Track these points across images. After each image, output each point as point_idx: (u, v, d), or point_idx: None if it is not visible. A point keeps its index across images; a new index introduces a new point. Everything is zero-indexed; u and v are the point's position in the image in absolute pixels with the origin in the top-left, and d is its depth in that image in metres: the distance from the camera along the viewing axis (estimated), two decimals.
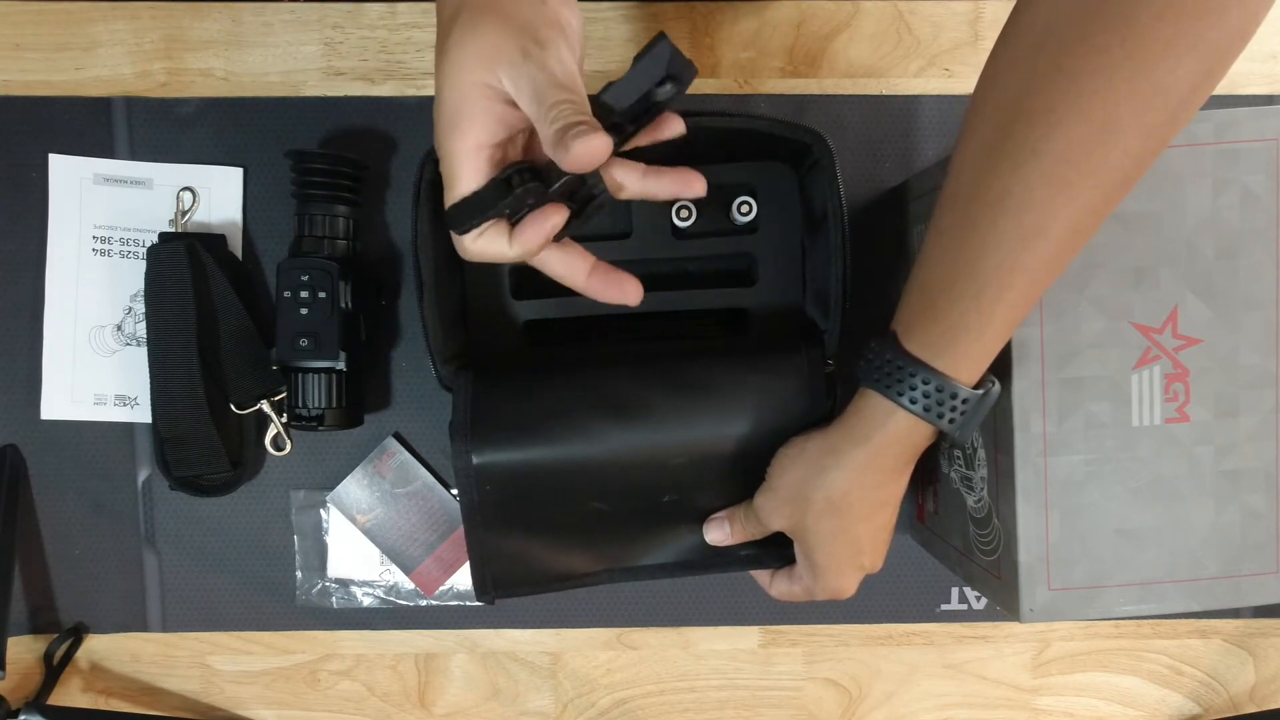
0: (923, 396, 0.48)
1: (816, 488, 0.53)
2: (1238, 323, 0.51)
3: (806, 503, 0.53)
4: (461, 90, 0.44)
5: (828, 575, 0.55)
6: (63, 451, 0.68)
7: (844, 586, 0.56)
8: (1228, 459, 0.52)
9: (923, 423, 0.49)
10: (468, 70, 0.44)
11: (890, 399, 0.49)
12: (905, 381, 0.49)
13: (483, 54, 0.43)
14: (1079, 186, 0.42)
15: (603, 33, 0.68)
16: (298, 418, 0.64)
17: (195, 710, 0.70)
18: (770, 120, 0.58)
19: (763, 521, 0.56)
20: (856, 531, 0.53)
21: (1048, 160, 0.42)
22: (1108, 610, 0.52)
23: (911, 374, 0.48)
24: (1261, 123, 0.51)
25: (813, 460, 0.53)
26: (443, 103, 0.44)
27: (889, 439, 0.51)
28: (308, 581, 0.69)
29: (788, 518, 0.55)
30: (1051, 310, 0.51)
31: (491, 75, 0.43)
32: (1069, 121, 0.41)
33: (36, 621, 0.69)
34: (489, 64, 0.43)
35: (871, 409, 0.51)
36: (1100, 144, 0.41)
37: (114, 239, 0.67)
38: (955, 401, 0.48)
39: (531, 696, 0.71)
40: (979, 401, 0.49)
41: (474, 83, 0.43)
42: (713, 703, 0.71)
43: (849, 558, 0.55)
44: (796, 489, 0.54)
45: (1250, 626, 0.71)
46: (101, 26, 0.67)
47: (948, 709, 0.71)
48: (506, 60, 0.43)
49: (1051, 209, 0.43)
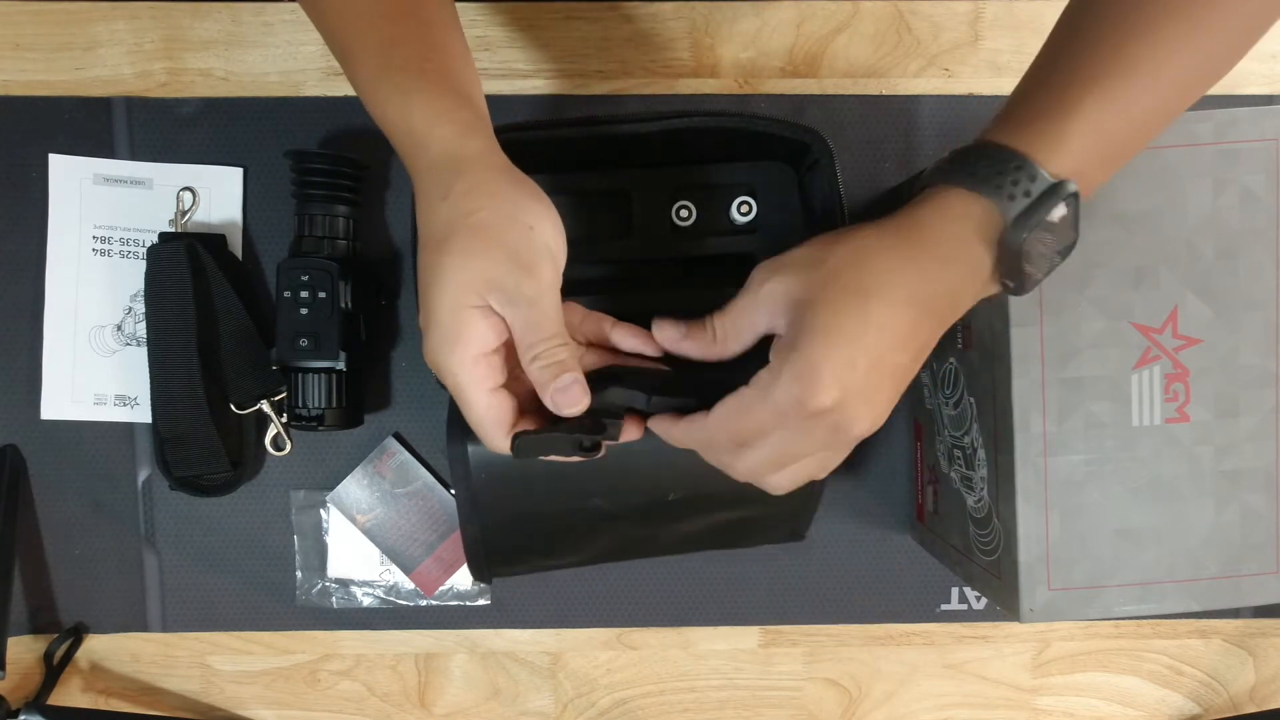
0: (984, 168, 0.41)
1: (841, 244, 0.43)
2: (1238, 323, 0.51)
3: (821, 263, 0.42)
4: (456, 312, 0.44)
5: (824, 355, 0.40)
6: (63, 451, 0.68)
7: (842, 382, 0.40)
8: (1228, 459, 0.52)
9: (978, 204, 0.42)
10: (463, 294, 0.44)
11: (944, 180, 0.43)
12: (966, 160, 0.42)
13: (475, 281, 0.44)
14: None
15: (602, 33, 0.68)
16: (298, 418, 0.64)
17: (195, 710, 0.70)
18: (770, 120, 0.58)
19: (746, 308, 0.45)
20: (875, 308, 0.41)
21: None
22: (1108, 610, 0.52)
23: (976, 152, 0.42)
24: (1261, 123, 0.51)
25: (834, 235, 0.44)
26: (438, 323, 0.45)
27: (935, 214, 0.43)
28: (308, 581, 0.69)
29: (785, 291, 0.43)
30: (1051, 310, 0.51)
31: (485, 300, 0.44)
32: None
33: (36, 621, 0.69)
34: (483, 290, 0.44)
35: (920, 195, 0.44)
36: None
37: (114, 239, 0.67)
38: (1020, 175, 0.41)
39: (531, 696, 0.71)
40: (1051, 191, 0.41)
41: (470, 305, 0.44)
42: (713, 703, 0.71)
43: (856, 338, 0.41)
44: (808, 255, 0.43)
45: (1250, 626, 0.71)
46: (101, 26, 0.67)
47: (948, 709, 0.71)
48: (498, 288, 0.44)
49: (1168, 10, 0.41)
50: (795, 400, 0.41)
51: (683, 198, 0.63)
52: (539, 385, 0.45)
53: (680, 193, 0.63)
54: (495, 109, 0.69)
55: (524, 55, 0.68)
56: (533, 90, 0.68)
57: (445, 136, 0.46)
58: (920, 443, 0.67)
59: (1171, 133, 0.50)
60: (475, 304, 0.44)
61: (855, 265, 0.42)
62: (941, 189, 0.43)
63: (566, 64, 0.68)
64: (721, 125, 0.58)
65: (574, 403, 0.45)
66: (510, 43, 0.68)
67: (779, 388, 0.41)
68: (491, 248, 0.44)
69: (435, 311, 0.45)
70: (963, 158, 0.43)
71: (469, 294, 0.44)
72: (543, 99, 0.68)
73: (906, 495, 0.70)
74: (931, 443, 0.64)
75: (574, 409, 0.45)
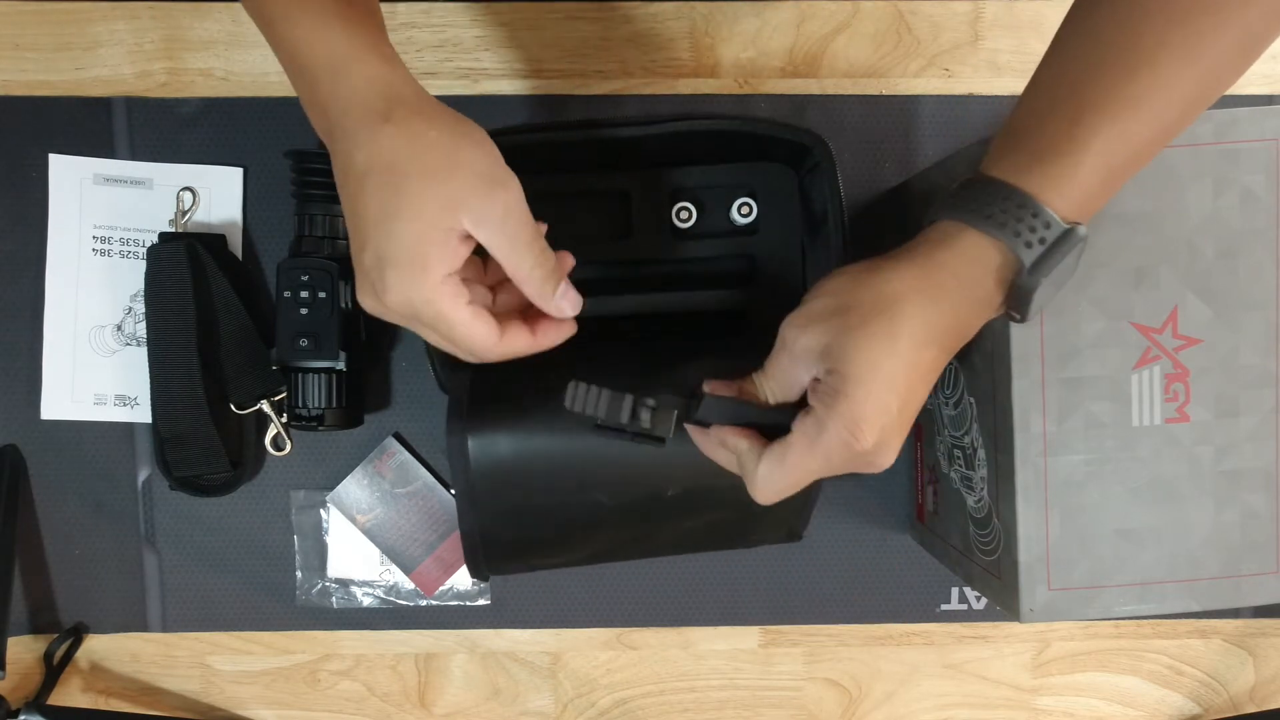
0: (999, 212, 0.42)
1: (863, 289, 0.44)
2: (1238, 323, 0.51)
3: (848, 310, 0.43)
4: (422, 238, 0.43)
5: (865, 402, 0.42)
6: (63, 451, 0.68)
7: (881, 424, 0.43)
8: (1228, 459, 0.52)
9: (995, 248, 0.43)
10: (434, 218, 0.43)
11: (958, 217, 0.43)
12: (979, 199, 0.43)
13: (443, 204, 0.43)
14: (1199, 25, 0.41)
15: (602, 33, 0.68)
16: (298, 418, 0.64)
17: (195, 710, 0.70)
18: (770, 123, 0.58)
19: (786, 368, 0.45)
20: (904, 350, 0.43)
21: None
22: (1108, 610, 0.52)
23: (988, 191, 0.43)
24: (1261, 123, 0.51)
25: (857, 272, 0.45)
26: (398, 254, 0.43)
27: (954, 257, 0.44)
28: (308, 581, 0.69)
29: (817, 344, 0.44)
30: (1051, 310, 0.51)
31: (456, 222, 0.44)
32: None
33: (36, 621, 0.69)
34: (454, 212, 0.43)
35: (937, 230, 0.44)
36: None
37: (114, 239, 0.67)
38: (1036, 223, 0.42)
39: (531, 696, 0.71)
40: (1064, 237, 0.42)
41: (440, 229, 0.43)
42: (713, 703, 0.71)
43: (890, 382, 0.43)
44: (835, 301, 0.44)
45: (1250, 626, 0.71)
46: (101, 26, 0.67)
47: (948, 709, 0.71)
48: (468, 209, 0.44)
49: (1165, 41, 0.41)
50: (842, 445, 0.43)
51: (683, 199, 0.63)
52: (540, 294, 0.46)
53: (680, 194, 0.63)
54: (495, 109, 0.70)
55: (524, 55, 0.68)
56: (533, 90, 0.68)
57: (374, 63, 0.45)
58: (920, 443, 0.67)
59: None
60: (444, 228, 0.43)
61: (883, 312, 0.43)
62: (955, 228, 0.44)
63: (566, 64, 0.68)
64: (722, 129, 0.58)
65: (577, 304, 0.48)
66: (510, 43, 0.67)
67: (827, 436, 0.43)
68: (454, 167, 0.44)
69: (396, 240, 0.43)
70: (975, 197, 0.44)
71: (439, 218, 0.43)
72: (543, 99, 0.68)
73: (906, 495, 0.70)
74: (931, 443, 0.64)
75: (578, 308, 0.48)
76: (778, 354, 0.46)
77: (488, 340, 0.46)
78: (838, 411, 0.43)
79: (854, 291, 0.44)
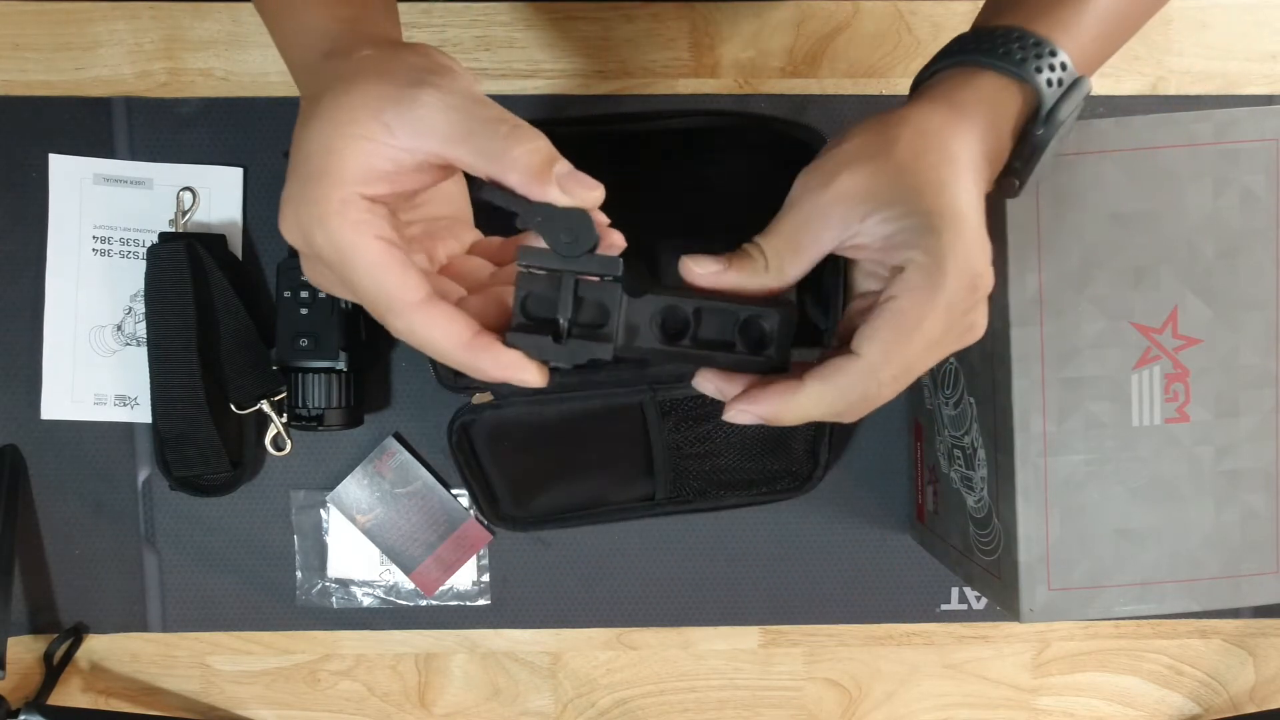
0: (1018, 49, 0.39)
1: (899, 127, 0.38)
2: (1238, 323, 0.51)
3: (892, 147, 0.37)
4: (325, 145, 0.34)
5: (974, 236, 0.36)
6: (63, 451, 0.68)
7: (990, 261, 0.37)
8: (1228, 459, 0.52)
9: (1014, 91, 0.40)
10: (341, 122, 0.34)
11: (974, 61, 0.40)
12: (992, 42, 0.40)
13: (356, 105, 0.34)
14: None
15: (602, 33, 0.68)
16: (298, 418, 0.64)
17: (195, 710, 0.70)
18: (770, 119, 0.58)
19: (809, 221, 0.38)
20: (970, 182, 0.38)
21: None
22: (1107, 610, 0.52)
23: (1000, 35, 0.40)
24: (1261, 123, 0.51)
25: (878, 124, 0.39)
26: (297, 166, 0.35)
27: (975, 99, 0.40)
28: (308, 581, 0.69)
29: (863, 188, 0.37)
30: (1051, 310, 0.51)
31: (376, 118, 0.34)
32: None
33: (36, 621, 0.69)
34: (372, 109, 0.34)
35: (949, 78, 0.41)
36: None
37: (114, 239, 0.67)
38: (1055, 62, 0.40)
39: (531, 696, 0.71)
40: (1077, 83, 0.40)
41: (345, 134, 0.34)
42: (713, 703, 0.71)
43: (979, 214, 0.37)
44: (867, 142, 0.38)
45: (1250, 626, 0.71)
46: (101, 26, 0.67)
47: (948, 709, 0.71)
48: (393, 100, 0.34)
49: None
50: (967, 290, 0.36)
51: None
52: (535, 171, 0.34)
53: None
54: None
55: (524, 55, 0.68)
56: (533, 90, 0.68)
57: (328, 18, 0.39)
58: (920, 443, 0.67)
59: (1171, 133, 0.50)
60: (356, 134, 0.34)
61: (933, 145, 0.37)
62: (970, 72, 0.40)
63: (566, 64, 0.68)
64: (722, 124, 0.58)
65: (590, 185, 0.35)
66: (510, 43, 0.67)
67: (948, 283, 0.35)
68: (383, 71, 0.35)
69: (298, 153, 0.35)
70: (988, 41, 0.40)
71: (348, 120, 0.34)
72: (543, 99, 0.68)
73: (906, 495, 0.70)
74: (931, 443, 0.64)
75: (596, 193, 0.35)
76: (795, 207, 0.38)
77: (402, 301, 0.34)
78: (949, 249, 0.35)
79: (886, 132, 0.38)
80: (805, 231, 0.38)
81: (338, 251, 0.34)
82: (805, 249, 0.38)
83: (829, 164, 0.38)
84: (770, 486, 0.64)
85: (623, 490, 0.64)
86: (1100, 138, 0.50)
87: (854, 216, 0.37)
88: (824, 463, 0.63)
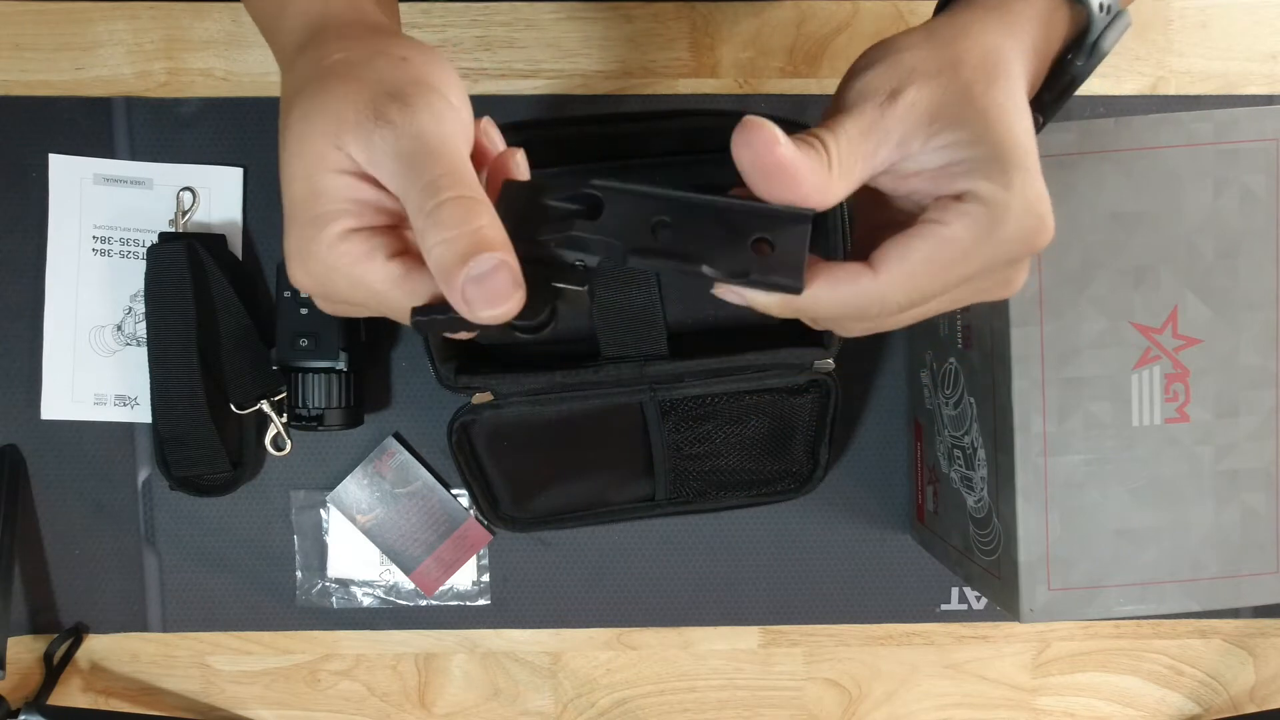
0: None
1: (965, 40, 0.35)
2: (1238, 323, 0.51)
3: (959, 65, 0.34)
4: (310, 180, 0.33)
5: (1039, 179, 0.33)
6: (63, 451, 0.68)
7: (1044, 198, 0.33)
8: (1228, 459, 0.52)
9: (1065, 7, 0.37)
10: (318, 151, 0.33)
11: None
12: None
13: (327, 130, 0.33)
14: None
15: (602, 33, 0.68)
16: (298, 418, 0.64)
17: (195, 710, 0.70)
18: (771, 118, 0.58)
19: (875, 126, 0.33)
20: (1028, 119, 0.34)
21: None
22: (1107, 610, 0.52)
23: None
24: (1261, 123, 0.51)
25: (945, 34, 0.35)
26: (293, 204, 0.34)
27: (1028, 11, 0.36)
28: (308, 581, 0.69)
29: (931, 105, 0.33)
30: (1051, 310, 0.51)
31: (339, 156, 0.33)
32: None
33: (36, 621, 0.69)
34: (337, 137, 0.33)
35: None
36: None
37: (114, 239, 0.67)
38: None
39: (531, 696, 0.71)
40: (1119, 15, 0.39)
41: (326, 167, 0.33)
42: (713, 703, 0.71)
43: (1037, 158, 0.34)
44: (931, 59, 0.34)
45: (1250, 626, 0.71)
46: (101, 26, 0.67)
47: (948, 709, 0.71)
48: (354, 129, 0.32)
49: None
50: (1026, 235, 0.33)
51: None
52: (443, 272, 0.31)
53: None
54: (495, 109, 0.69)
55: (524, 55, 0.68)
56: (533, 90, 0.68)
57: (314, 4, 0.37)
58: (920, 443, 0.67)
59: (1171, 133, 0.50)
60: (331, 167, 0.33)
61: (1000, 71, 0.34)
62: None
63: (566, 64, 0.68)
64: (722, 125, 0.58)
65: (498, 301, 0.30)
66: (510, 43, 0.67)
67: (1012, 219, 0.32)
68: (348, 85, 0.33)
69: (289, 189, 0.34)
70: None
71: (323, 149, 0.33)
72: (543, 99, 0.68)
73: (906, 495, 0.70)
74: (931, 443, 0.64)
75: (499, 311, 0.31)
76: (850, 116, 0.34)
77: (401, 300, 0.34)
78: (1020, 187, 0.32)
79: (951, 45, 0.34)
80: (870, 138, 0.33)
81: (361, 287, 0.34)
82: (858, 161, 0.33)
83: (891, 72, 0.34)
84: (770, 487, 0.64)
85: (623, 490, 0.64)
86: (1100, 138, 0.50)
87: (916, 136, 0.33)
88: (824, 463, 0.63)
